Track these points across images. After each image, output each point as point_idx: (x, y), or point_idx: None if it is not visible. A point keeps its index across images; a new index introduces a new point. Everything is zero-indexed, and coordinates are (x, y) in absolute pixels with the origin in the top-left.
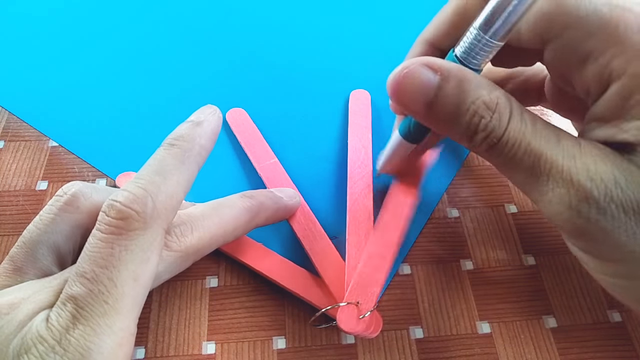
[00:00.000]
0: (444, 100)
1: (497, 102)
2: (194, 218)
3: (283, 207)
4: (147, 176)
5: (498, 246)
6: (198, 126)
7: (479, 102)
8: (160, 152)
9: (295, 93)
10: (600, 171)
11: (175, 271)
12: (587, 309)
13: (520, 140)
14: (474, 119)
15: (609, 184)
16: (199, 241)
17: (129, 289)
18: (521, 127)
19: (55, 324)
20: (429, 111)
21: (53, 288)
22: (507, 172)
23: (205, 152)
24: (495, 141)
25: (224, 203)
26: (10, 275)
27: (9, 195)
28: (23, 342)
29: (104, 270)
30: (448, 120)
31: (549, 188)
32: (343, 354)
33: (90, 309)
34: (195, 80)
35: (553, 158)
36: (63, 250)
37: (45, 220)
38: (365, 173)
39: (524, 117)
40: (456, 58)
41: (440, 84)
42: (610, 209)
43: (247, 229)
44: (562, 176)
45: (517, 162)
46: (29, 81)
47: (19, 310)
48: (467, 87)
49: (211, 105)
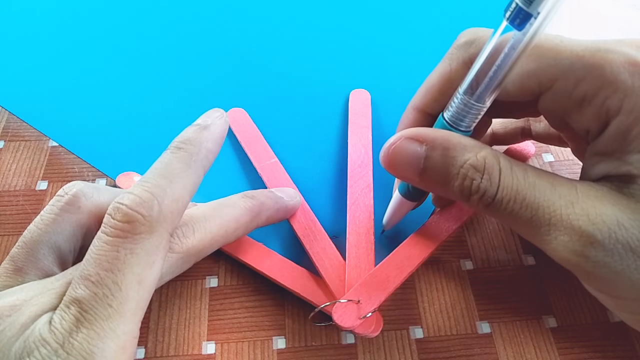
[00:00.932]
0: (433, 168)
1: (485, 162)
2: (196, 219)
3: (284, 207)
4: (153, 179)
5: (498, 246)
6: (205, 130)
7: (467, 166)
8: (166, 156)
9: (296, 93)
10: (600, 213)
11: (176, 272)
12: (587, 309)
13: (514, 196)
14: (465, 182)
15: (612, 225)
16: (201, 242)
17: (133, 293)
18: (513, 183)
19: (59, 326)
20: (422, 178)
21: (55, 290)
22: (510, 225)
23: (212, 155)
24: (490, 200)
25: (225, 203)
26: (11, 276)
27: (9, 195)
28: (25, 345)
29: (109, 274)
30: (441, 185)
31: (552, 237)
32: (343, 353)
33: (94, 312)
34: (195, 80)
35: (551, 208)
36: (64, 251)
37: (46, 220)
38: (365, 172)
39: (514, 171)
40: (445, 122)
41: (427, 153)
42: (617, 249)
43: (248, 230)
44: (563, 224)
45: (515, 216)
46: (29, 81)
47: (20, 313)
48: (453, 153)
49: (218, 109)
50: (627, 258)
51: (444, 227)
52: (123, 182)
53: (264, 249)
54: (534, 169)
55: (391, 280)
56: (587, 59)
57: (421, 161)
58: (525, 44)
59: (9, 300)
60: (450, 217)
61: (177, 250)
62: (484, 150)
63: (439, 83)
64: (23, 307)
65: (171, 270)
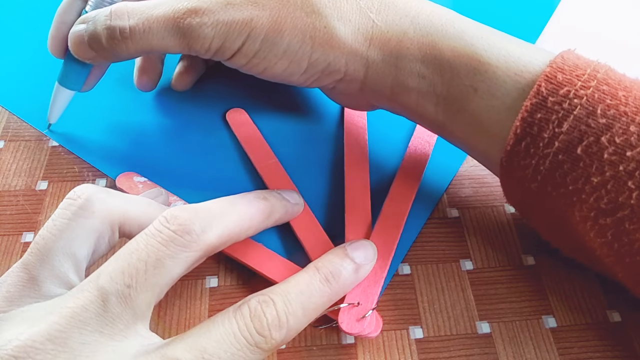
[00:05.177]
0: (91, 34)
1: (111, 10)
2: (212, 215)
3: (290, 213)
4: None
5: (498, 246)
6: (358, 271)
7: (98, 17)
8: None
9: (295, 93)
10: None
11: (189, 270)
12: (587, 309)
13: (144, 17)
14: (100, 27)
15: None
16: (218, 239)
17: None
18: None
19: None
20: (90, 46)
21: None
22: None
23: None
24: (127, 33)
25: (240, 201)
26: (27, 285)
27: (9, 195)
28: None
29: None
30: (99, 43)
31: (192, 20)
32: (343, 354)
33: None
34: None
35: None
36: (79, 257)
37: (60, 226)
38: (361, 172)
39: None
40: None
41: (87, 27)
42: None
43: (257, 230)
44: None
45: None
46: (29, 81)
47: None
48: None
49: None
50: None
51: (401, 209)
52: (123, 182)
53: (263, 250)
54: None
55: (378, 273)
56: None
57: (85, 34)
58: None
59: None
60: (402, 199)
61: (195, 248)
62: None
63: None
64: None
65: (188, 269)
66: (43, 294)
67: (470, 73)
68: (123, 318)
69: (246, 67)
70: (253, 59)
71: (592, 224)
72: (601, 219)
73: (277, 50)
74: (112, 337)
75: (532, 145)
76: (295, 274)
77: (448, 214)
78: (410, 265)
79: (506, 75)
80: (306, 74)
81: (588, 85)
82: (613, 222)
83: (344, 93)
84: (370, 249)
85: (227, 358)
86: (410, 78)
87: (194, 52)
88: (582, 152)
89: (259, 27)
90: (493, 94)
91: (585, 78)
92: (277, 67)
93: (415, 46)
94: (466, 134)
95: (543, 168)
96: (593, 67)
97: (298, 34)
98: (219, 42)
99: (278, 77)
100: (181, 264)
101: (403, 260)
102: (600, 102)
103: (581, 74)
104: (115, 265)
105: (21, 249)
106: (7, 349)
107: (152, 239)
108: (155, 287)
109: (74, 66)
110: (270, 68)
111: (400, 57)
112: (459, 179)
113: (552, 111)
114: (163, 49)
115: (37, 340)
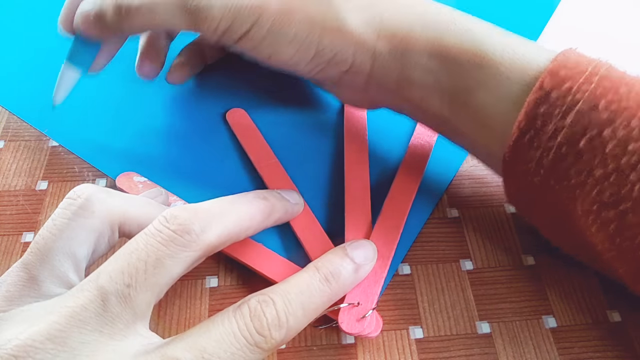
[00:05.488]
0: (98, 10)
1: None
2: (212, 215)
3: (290, 213)
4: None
5: (498, 246)
6: (357, 271)
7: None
8: (307, 278)
9: (295, 93)
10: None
11: (189, 269)
12: (587, 309)
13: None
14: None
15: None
16: (218, 239)
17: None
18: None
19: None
20: (99, 21)
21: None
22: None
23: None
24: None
25: (240, 200)
26: (27, 285)
27: (9, 195)
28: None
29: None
30: (102, 21)
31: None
32: (343, 354)
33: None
34: (195, 81)
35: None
36: (79, 257)
37: (60, 226)
38: (361, 171)
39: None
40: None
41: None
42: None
43: (257, 230)
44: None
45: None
46: (29, 81)
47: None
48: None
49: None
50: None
51: (401, 209)
52: (123, 182)
53: (263, 250)
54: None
55: (378, 273)
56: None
57: (91, 10)
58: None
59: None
60: (402, 199)
61: (195, 248)
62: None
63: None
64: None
65: (187, 269)
66: (43, 294)
67: (476, 68)
68: (123, 317)
69: (253, 51)
70: (260, 44)
71: (594, 218)
72: (603, 212)
73: (285, 36)
74: (112, 337)
75: (536, 138)
76: (295, 274)
77: (448, 213)
78: (410, 265)
79: (510, 72)
80: (312, 63)
81: (590, 81)
82: (615, 215)
83: (348, 87)
84: (370, 249)
85: (227, 358)
86: (416, 72)
87: (201, 32)
88: (585, 145)
89: (268, 12)
90: (497, 89)
91: (588, 74)
92: (284, 54)
93: (422, 41)
94: (470, 129)
95: (546, 161)
96: (595, 64)
97: (307, 21)
98: (227, 24)
99: (284, 64)
100: (181, 263)
101: (403, 260)
102: (602, 97)
103: (583, 70)
104: (115, 265)
105: (21, 249)
106: (7, 348)
107: (152, 238)
108: (155, 286)
109: (83, 44)
110: (277, 54)
111: (407, 51)
112: (459, 178)
113: (556, 105)
114: (170, 27)
115: (36, 339)
